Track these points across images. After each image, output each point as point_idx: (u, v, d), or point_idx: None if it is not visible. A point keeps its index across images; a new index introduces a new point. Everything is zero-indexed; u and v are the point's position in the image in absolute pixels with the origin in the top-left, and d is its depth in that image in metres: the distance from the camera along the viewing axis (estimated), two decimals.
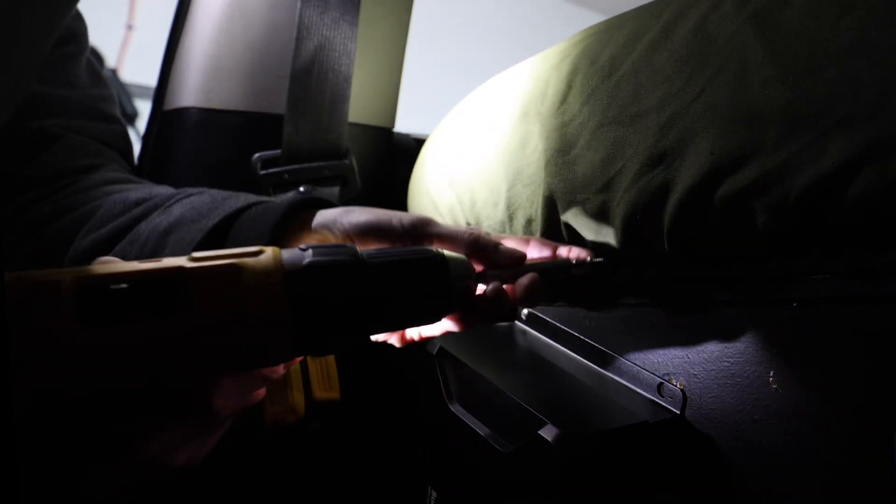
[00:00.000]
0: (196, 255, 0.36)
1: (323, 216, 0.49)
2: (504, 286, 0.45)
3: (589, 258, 0.47)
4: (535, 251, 0.49)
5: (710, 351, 0.49)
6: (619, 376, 0.54)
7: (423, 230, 0.45)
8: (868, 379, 0.40)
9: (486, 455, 0.51)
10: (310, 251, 0.38)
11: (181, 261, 0.35)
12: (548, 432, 0.46)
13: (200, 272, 0.34)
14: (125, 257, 0.52)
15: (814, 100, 0.38)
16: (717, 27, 0.44)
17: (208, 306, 0.34)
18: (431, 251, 0.41)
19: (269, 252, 0.37)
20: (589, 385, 0.54)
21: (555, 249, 0.49)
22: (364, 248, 0.44)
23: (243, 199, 0.52)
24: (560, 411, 0.48)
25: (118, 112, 0.69)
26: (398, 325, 0.42)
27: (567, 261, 0.47)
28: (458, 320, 0.45)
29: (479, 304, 0.44)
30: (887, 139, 0.35)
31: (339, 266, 0.37)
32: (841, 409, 0.41)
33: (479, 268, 0.46)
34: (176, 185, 0.77)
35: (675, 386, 0.50)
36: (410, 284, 0.40)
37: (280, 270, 0.36)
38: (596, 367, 0.55)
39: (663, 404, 0.50)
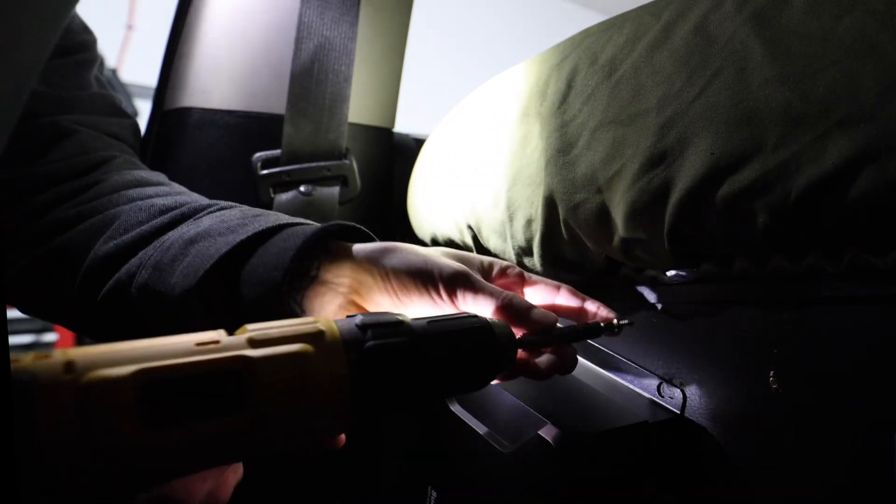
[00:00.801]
0: (253, 332, 0.34)
1: (363, 251, 0.48)
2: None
3: (616, 321, 0.48)
4: (564, 300, 0.49)
5: (710, 351, 0.49)
6: (619, 376, 0.54)
7: (461, 284, 0.45)
8: (868, 379, 0.40)
9: (486, 455, 0.51)
10: (369, 332, 0.37)
11: (242, 344, 0.33)
12: (547, 432, 0.46)
13: (266, 363, 0.33)
14: (145, 262, 0.51)
15: (814, 100, 0.38)
16: (717, 27, 0.44)
17: (273, 402, 0.32)
18: (480, 321, 0.42)
19: (328, 332, 0.36)
20: (589, 385, 0.54)
21: (583, 302, 0.49)
22: (401, 290, 0.46)
23: (273, 218, 0.51)
24: (560, 411, 0.48)
25: (127, 109, 0.69)
26: (445, 395, 0.43)
27: (597, 325, 0.47)
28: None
29: (525, 370, 0.45)
30: (887, 139, 0.35)
31: (399, 350, 0.37)
32: (841, 409, 0.41)
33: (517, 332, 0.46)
34: None
35: (675, 386, 0.50)
36: (463, 359, 0.40)
37: (343, 359, 0.35)
38: (596, 367, 0.55)
39: (663, 404, 0.50)
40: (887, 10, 0.36)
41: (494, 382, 0.45)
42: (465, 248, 0.71)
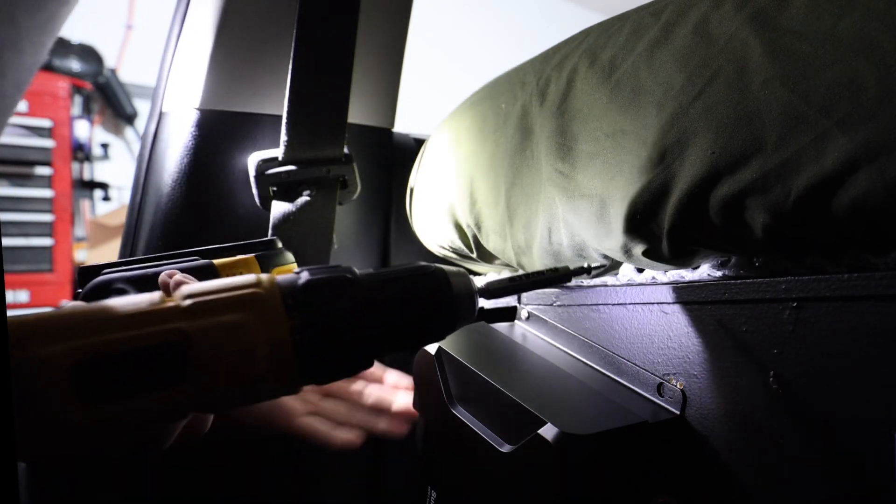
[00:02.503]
0: (191, 300, 0.33)
1: None
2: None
3: (587, 264, 0.47)
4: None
5: (710, 351, 0.49)
6: (619, 376, 0.54)
7: None
8: (868, 379, 0.40)
9: (486, 454, 0.51)
10: (314, 293, 0.35)
11: (179, 313, 0.32)
12: (547, 432, 0.46)
13: (202, 335, 0.32)
14: None
15: (814, 100, 0.38)
16: (717, 27, 0.44)
17: (213, 374, 0.32)
18: (435, 269, 0.40)
19: (269, 296, 0.34)
20: (589, 385, 0.54)
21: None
22: None
23: None
24: (560, 411, 0.48)
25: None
26: (400, 350, 0.41)
27: (567, 268, 0.47)
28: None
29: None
30: (887, 139, 0.35)
31: (344, 311, 0.36)
32: (841, 409, 0.41)
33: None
34: (176, 185, 0.77)
35: (675, 386, 0.50)
36: (415, 308, 0.39)
37: (285, 325, 0.34)
38: (596, 367, 0.55)
39: (663, 405, 0.50)
40: (887, 10, 0.36)
41: (490, 381, 0.45)
42: (466, 248, 0.71)
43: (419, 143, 0.91)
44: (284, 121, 0.77)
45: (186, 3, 0.81)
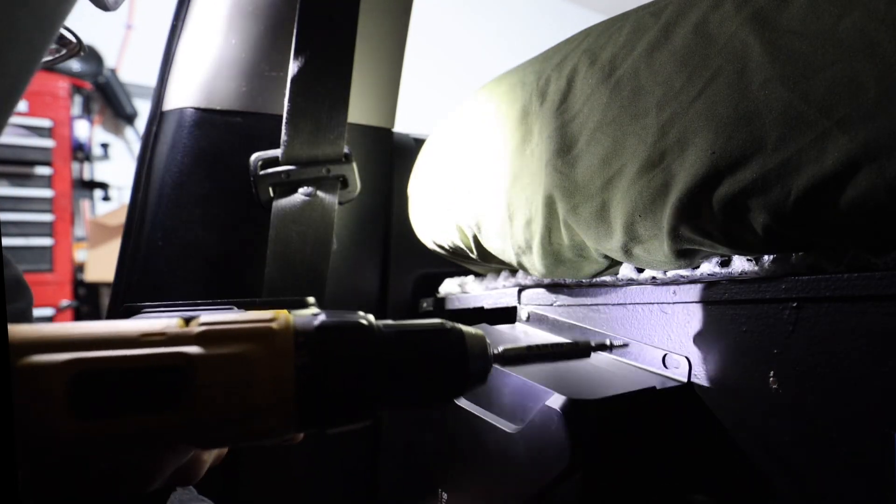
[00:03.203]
0: (203, 327, 0.33)
1: None
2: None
3: (609, 341, 0.46)
4: None
5: (710, 351, 0.49)
6: (624, 356, 0.54)
7: None
8: (868, 379, 0.40)
9: (495, 439, 0.50)
10: (327, 335, 0.35)
11: (189, 339, 0.32)
12: (555, 401, 0.45)
13: (206, 363, 0.32)
14: None
15: (814, 100, 0.38)
16: (717, 27, 0.44)
17: (213, 402, 0.31)
18: (454, 332, 0.39)
19: (282, 332, 0.34)
20: (594, 364, 0.54)
21: None
22: None
23: None
24: (566, 385, 0.47)
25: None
26: (409, 407, 0.40)
27: (588, 343, 0.44)
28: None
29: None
30: (887, 139, 0.35)
31: (354, 359, 0.35)
32: (841, 409, 0.41)
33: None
34: (176, 185, 0.77)
35: (681, 355, 0.50)
36: (427, 371, 0.38)
37: (291, 363, 0.34)
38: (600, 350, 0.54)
39: (669, 375, 0.50)
40: (887, 10, 0.36)
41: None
42: (466, 247, 0.71)
43: (419, 142, 0.91)
44: (284, 121, 0.77)
45: (187, 3, 0.81)
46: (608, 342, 0.45)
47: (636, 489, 0.48)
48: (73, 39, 0.54)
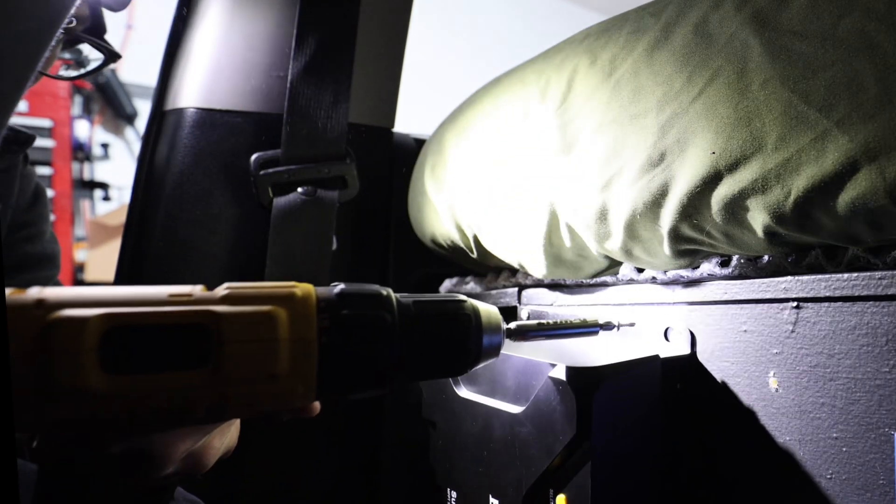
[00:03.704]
0: (229, 290, 0.34)
1: None
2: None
3: (617, 321, 0.48)
4: None
5: (711, 351, 0.49)
6: (625, 336, 0.54)
7: None
8: (868, 379, 0.40)
9: (502, 424, 0.50)
10: (347, 301, 0.36)
11: (215, 300, 0.33)
12: (557, 372, 0.45)
13: (233, 320, 0.32)
14: None
15: (814, 100, 0.38)
16: (717, 27, 0.44)
17: (239, 360, 0.32)
18: (468, 306, 0.40)
19: (304, 296, 0.35)
20: (596, 344, 0.54)
21: None
22: None
23: None
24: (570, 358, 0.47)
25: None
26: (424, 379, 0.41)
27: (595, 321, 0.47)
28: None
29: None
30: (887, 139, 0.35)
31: (374, 323, 0.36)
32: (841, 409, 0.41)
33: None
34: (176, 185, 0.77)
35: (682, 329, 0.50)
36: (442, 341, 0.39)
37: (314, 325, 0.34)
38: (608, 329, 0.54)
39: (672, 348, 0.51)
40: (887, 10, 0.36)
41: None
42: (466, 248, 0.71)
43: (419, 142, 0.91)
44: (284, 121, 0.77)
45: (187, 3, 0.81)
46: (616, 321, 0.48)
47: (643, 456, 0.47)
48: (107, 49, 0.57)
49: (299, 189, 0.77)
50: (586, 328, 0.46)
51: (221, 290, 0.34)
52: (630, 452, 0.47)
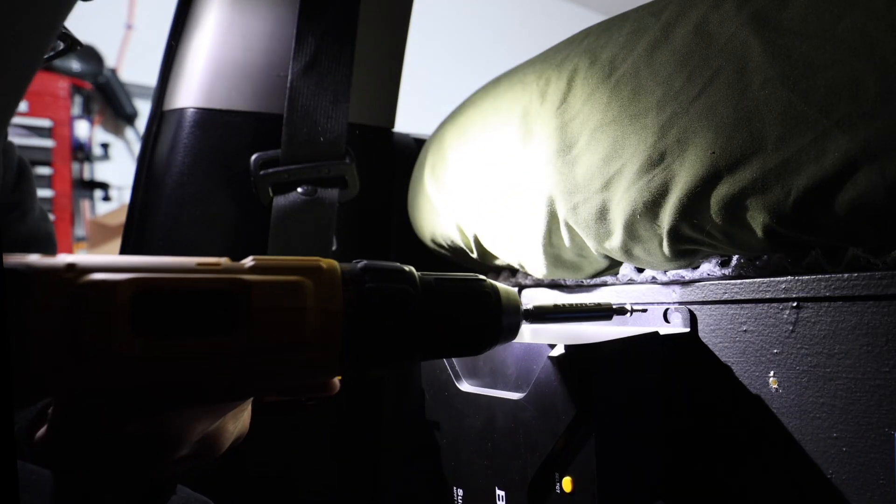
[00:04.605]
0: (256, 261, 0.34)
1: None
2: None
3: (630, 305, 0.48)
4: None
5: (710, 350, 0.49)
6: (625, 323, 0.54)
7: None
8: (868, 379, 0.40)
9: (504, 413, 0.50)
10: (370, 275, 0.36)
11: (243, 269, 0.33)
12: (558, 352, 0.45)
13: (262, 289, 0.32)
14: None
15: (814, 100, 0.38)
16: (717, 27, 0.44)
17: (267, 328, 0.32)
18: (488, 285, 0.40)
19: (329, 269, 0.35)
20: (596, 327, 0.54)
21: None
22: None
23: None
24: (569, 340, 0.48)
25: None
26: (444, 356, 0.42)
27: (609, 305, 0.48)
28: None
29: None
30: (887, 139, 0.35)
31: (397, 296, 0.36)
32: (841, 409, 0.41)
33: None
34: (176, 185, 0.77)
35: (682, 309, 0.50)
36: (463, 319, 0.39)
37: (340, 296, 0.35)
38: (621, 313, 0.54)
39: (672, 327, 0.51)
40: (887, 10, 0.36)
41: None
42: (466, 248, 0.71)
43: (419, 142, 0.91)
44: (284, 120, 0.77)
45: (187, 3, 0.81)
46: (628, 305, 0.48)
47: (647, 433, 0.47)
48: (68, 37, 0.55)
49: (299, 189, 0.77)
50: (600, 311, 0.47)
51: (248, 261, 0.34)
52: (633, 430, 0.47)
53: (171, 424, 0.34)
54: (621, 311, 0.48)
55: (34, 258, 0.29)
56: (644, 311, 0.50)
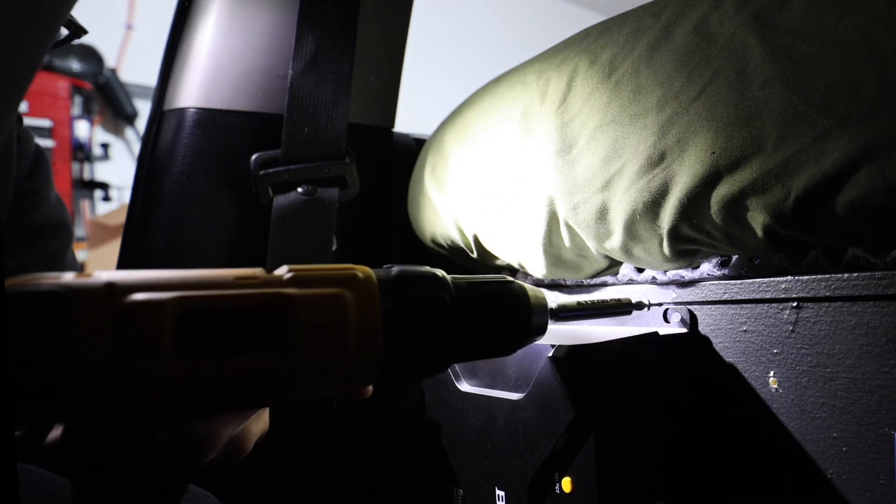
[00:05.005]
0: (294, 272, 0.33)
1: None
2: None
3: (648, 301, 0.49)
4: None
5: (710, 350, 0.49)
6: (623, 324, 0.54)
7: None
8: (868, 379, 0.40)
9: (504, 413, 0.50)
10: (406, 283, 0.36)
11: (282, 282, 0.33)
12: (557, 352, 0.46)
13: (304, 303, 0.32)
14: None
15: (814, 100, 0.38)
16: (717, 27, 0.44)
17: (311, 344, 0.32)
18: (518, 288, 0.41)
19: (366, 278, 0.35)
20: (597, 329, 0.54)
21: None
22: None
23: None
24: (569, 341, 0.48)
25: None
26: (477, 358, 0.42)
27: (629, 301, 0.48)
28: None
29: None
30: (887, 139, 0.35)
31: (434, 304, 0.37)
32: (841, 409, 0.41)
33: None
34: (176, 185, 0.77)
35: (683, 307, 0.50)
36: (496, 323, 0.40)
37: (379, 307, 0.34)
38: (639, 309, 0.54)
39: (672, 328, 0.51)
40: (887, 10, 0.36)
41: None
42: (466, 248, 0.71)
43: (419, 142, 0.91)
44: (284, 120, 0.77)
45: (187, 3, 0.81)
46: (647, 301, 0.49)
47: (647, 434, 0.47)
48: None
49: (299, 189, 0.77)
50: (621, 307, 0.48)
51: (285, 273, 0.34)
52: (633, 430, 0.47)
53: (200, 430, 0.33)
54: (639, 305, 0.49)
55: (69, 278, 0.28)
56: (660, 304, 0.51)
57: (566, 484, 0.46)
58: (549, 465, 0.47)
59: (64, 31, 0.57)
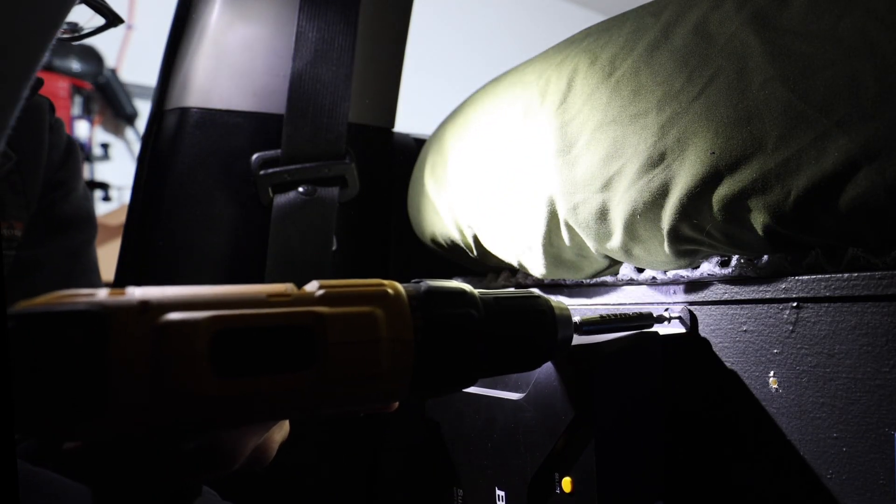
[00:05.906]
0: (325, 289, 0.33)
1: None
2: None
3: (668, 313, 0.50)
4: None
5: (710, 351, 0.49)
6: (623, 327, 0.54)
7: None
8: (868, 379, 0.40)
9: (505, 414, 0.50)
10: (435, 299, 0.36)
11: (314, 299, 0.33)
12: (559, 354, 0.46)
13: (337, 321, 0.32)
14: None
15: (814, 100, 0.38)
16: (717, 27, 0.44)
17: (343, 363, 0.32)
18: (544, 303, 0.41)
19: (396, 295, 0.35)
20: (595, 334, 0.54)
21: None
22: None
23: None
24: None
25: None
26: (504, 373, 0.42)
27: (650, 314, 0.49)
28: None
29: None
30: (887, 139, 0.35)
31: (464, 321, 0.37)
32: (841, 409, 0.41)
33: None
34: (176, 185, 0.77)
35: (682, 308, 0.50)
36: (523, 338, 0.40)
37: (410, 324, 0.35)
38: (660, 322, 0.54)
39: (671, 328, 0.51)
40: (887, 10, 0.36)
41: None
42: (466, 248, 0.71)
43: (419, 142, 0.91)
44: (284, 120, 0.77)
45: (187, 3, 0.81)
46: (667, 313, 0.50)
47: (647, 434, 0.47)
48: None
49: (299, 189, 0.77)
50: (642, 321, 0.48)
51: (316, 290, 0.34)
52: (633, 430, 0.47)
53: (226, 441, 0.34)
54: (660, 319, 0.49)
55: (103, 295, 0.28)
56: (679, 317, 0.51)
57: (566, 484, 0.46)
58: (550, 466, 0.47)
59: (101, 20, 0.56)
